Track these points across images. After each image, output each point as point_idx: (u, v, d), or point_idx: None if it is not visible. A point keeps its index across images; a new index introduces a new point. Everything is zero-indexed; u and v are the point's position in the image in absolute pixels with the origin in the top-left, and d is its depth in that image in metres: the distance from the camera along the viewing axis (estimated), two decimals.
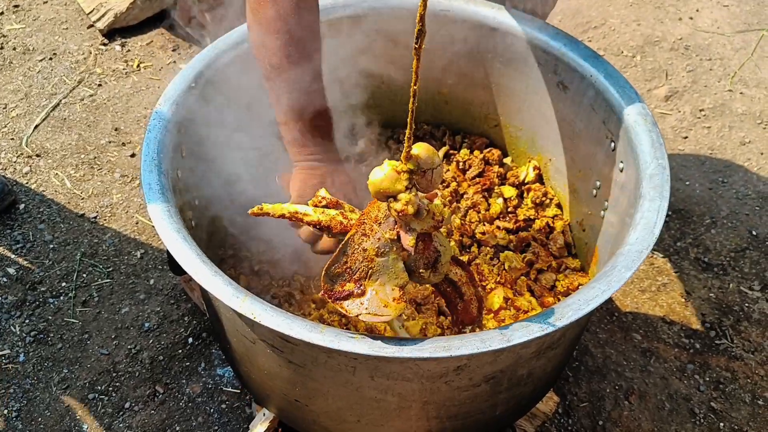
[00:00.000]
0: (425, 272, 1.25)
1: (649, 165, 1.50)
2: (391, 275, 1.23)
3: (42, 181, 2.68)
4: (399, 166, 1.15)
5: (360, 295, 1.22)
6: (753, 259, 2.48)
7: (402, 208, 1.15)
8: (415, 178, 1.16)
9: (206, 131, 1.74)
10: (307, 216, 1.34)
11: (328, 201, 1.39)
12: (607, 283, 1.29)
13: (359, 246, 1.24)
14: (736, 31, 3.33)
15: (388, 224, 1.22)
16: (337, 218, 1.34)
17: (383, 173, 1.16)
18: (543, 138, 1.97)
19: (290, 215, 1.34)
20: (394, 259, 1.23)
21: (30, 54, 3.17)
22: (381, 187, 1.16)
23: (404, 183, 1.15)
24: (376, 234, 1.23)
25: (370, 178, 1.17)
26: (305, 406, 1.54)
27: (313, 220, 1.34)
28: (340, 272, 1.24)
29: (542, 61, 1.81)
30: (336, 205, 1.39)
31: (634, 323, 2.31)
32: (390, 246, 1.22)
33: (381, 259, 1.22)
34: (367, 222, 1.24)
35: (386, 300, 1.21)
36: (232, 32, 1.79)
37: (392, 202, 1.16)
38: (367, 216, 1.25)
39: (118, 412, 2.09)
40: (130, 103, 2.99)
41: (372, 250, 1.23)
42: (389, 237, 1.22)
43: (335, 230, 1.34)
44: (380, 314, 1.20)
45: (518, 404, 1.65)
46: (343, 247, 1.25)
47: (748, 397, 2.15)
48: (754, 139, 2.88)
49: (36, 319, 2.29)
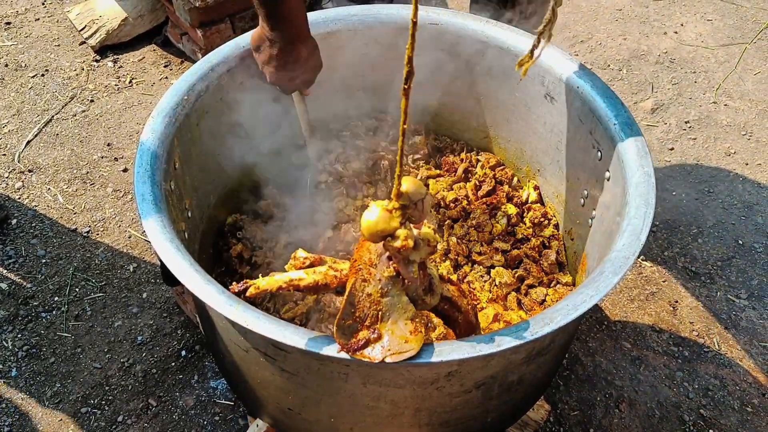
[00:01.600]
0: (426, 297, 1.27)
1: (635, 173, 1.53)
2: (400, 311, 1.23)
3: (34, 196, 2.69)
4: (389, 204, 1.16)
5: (377, 339, 1.21)
6: (739, 268, 2.52)
7: (402, 243, 1.15)
8: (408, 212, 1.17)
9: (200, 144, 1.76)
10: (302, 280, 1.33)
11: (312, 260, 1.39)
12: (594, 289, 1.31)
13: (363, 292, 1.23)
14: (720, 45, 3.39)
15: (384, 263, 1.23)
16: (330, 273, 1.33)
17: (376, 215, 1.16)
18: (531, 149, 2.00)
19: (286, 285, 1.33)
20: (398, 295, 1.23)
21: (22, 70, 3.19)
22: (377, 228, 1.16)
23: (398, 219, 1.16)
24: (375, 276, 1.23)
25: (363, 223, 1.17)
26: (298, 414, 1.55)
27: (309, 282, 1.33)
28: (351, 323, 1.24)
29: (530, 73, 1.84)
30: (319, 261, 1.39)
31: (624, 332, 2.34)
32: (392, 283, 1.23)
33: (387, 299, 1.23)
34: (363, 267, 1.24)
35: (404, 335, 1.21)
36: (223, 46, 1.81)
37: (390, 240, 1.16)
38: (360, 262, 1.25)
39: (111, 425, 2.09)
40: (123, 118, 3.00)
41: (376, 292, 1.23)
42: (389, 275, 1.22)
43: (332, 285, 1.33)
44: (404, 350, 1.20)
45: (509, 411, 1.66)
46: (348, 298, 1.24)
47: (737, 404, 2.17)
48: (739, 150, 2.92)
49: (28, 334, 2.29)
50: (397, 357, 1.20)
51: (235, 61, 1.80)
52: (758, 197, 2.74)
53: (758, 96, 3.14)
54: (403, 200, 1.16)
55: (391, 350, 1.20)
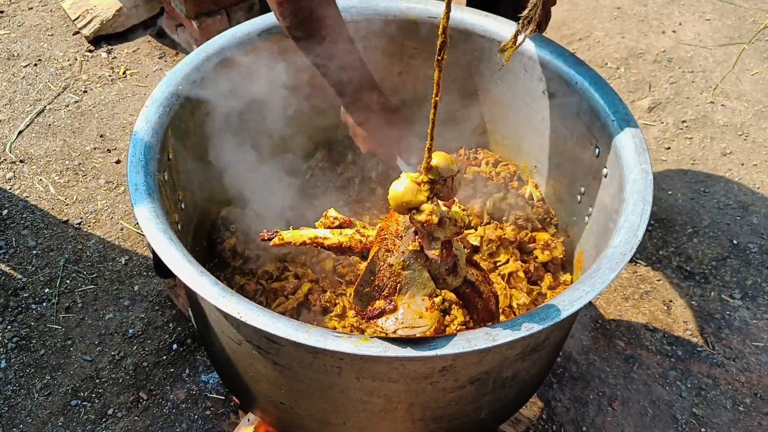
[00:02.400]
0: (449, 278, 1.26)
1: (633, 170, 1.52)
2: (419, 286, 1.23)
3: (26, 186, 2.67)
4: (418, 177, 1.16)
5: (393, 310, 1.21)
6: (734, 268, 2.51)
7: (426, 218, 1.14)
8: (436, 187, 1.17)
9: (194, 134, 1.74)
10: (327, 239, 1.34)
11: (342, 221, 1.39)
12: (591, 285, 1.30)
13: (384, 262, 1.23)
14: (718, 45, 3.39)
15: (410, 236, 1.22)
16: (356, 237, 1.34)
17: (403, 186, 1.15)
18: (529, 144, 1.99)
19: (311, 241, 1.34)
20: (419, 270, 1.23)
21: (15, 60, 3.16)
22: (403, 200, 1.15)
23: (425, 194, 1.15)
24: (399, 248, 1.22)
25: (390, 192, 1.17)
26: (291, 408, 1.54)
27: (333, 242, 1.34)
28: (369, 291, 1.23)
29: (528, 68, 1.83)
30: (349, 224, 1.40)
31: (618, 330, 2.33)
32: (414, 257, 1.22)
33: (407, 272, 1.22)
34: (389, 237, 1.24)
35: (420, 311, 1.21)
36: (219, 36, 1.79)
37: (415, 213, 1.15)
38: (386, 231, 1.25)
39: (101, 418, 2.08)
40: (116, 109, 2.98)
41: (398, 264, 1.22)
42: (412, 249, 1.21)
43: (356, 249, 1.34)
44: (417, 326, 1.20)
45: (503, 407, 1.65)
46: (369, 266, 1.24)
47: (729, 404, 2.17)
48: (735, 150, 2.92)
49: (18, 326, 2.27)
50: (410, 331, 1.19)
51: (230, 51, 1.78)
52: (753, 198, 2.74)
53: (755, 97, 3.13)
54: (432, 174, 1.15)
55: (404, 323, 1.20)
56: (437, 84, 1.05)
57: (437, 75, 1.04)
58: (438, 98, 1.07)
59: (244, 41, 1.80)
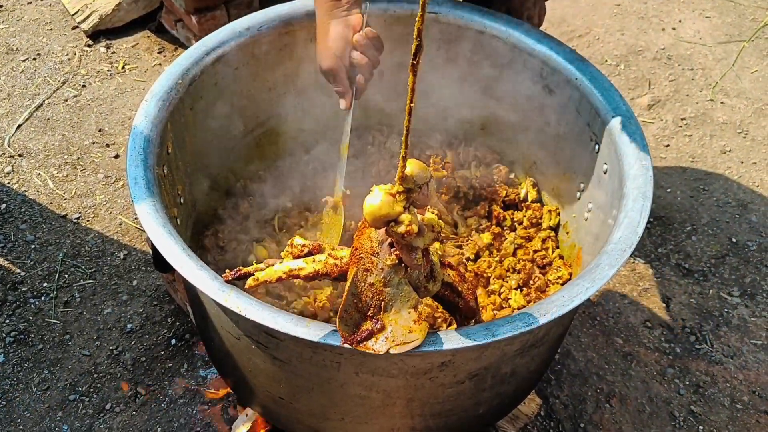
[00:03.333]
0: (429, 284, 1.25)
1: (633, 166, 1.52)
2: (403, 300, 1.20)
3: (24, 181, 2.66)
4: (392, 189, 1.13)
5: (381, 329, 1.19)
6: (732, 266, 2.51)
7: (406, 229, 1.12)
8: (413, 196, 1.15)
9: (193, 128, 1.74)
10: (302, 270, 1.30)
11: (311, 247, 1.36)
12: (590, 281, 1.30)
13: (365, 282, 1.20)
14: (718, 42, 3.39)
15: (385, 251, 1.20)
16: (330, 261, 1.30)
17: (379, 200, 1.12)
18: (528, 141, 1.99)
19: (286, 275, 1.30)
20: (401, 284, 1.21)
21: (13, 54, 3.15)
22: (380, 213, 1.12)
23: (402, 204, 1.13)
24: (377, 265, 1.20)
25: (365, 208, 1.14)
26: (289, 403, 1.54)
27: (310, 271, 1.30)
28: (354, 314, 1.21)
29: (528, 64, 1.83)
30: (318, 249, 1.35)
31: (616, 328, 2.33)
32: (394, 272, 1.20)
33: (389, 289, 1.20)
34: (364, 256, 1.21)
35: (408, 325, 1.19)
36: (219, 31, 1.79)
37: (393, 226, 1.13)
38: (361, 250, 1.22)
39: (99, 413, 2.08)
40: (115, 104, 2.97)
41: (379, 282, 1.20)
42: (390, 263, 1.19)
43: (333, 274, 1.30)
44: (408, 341, 1.18)
45: (501, 403, 1.65)
46: (350, 289, 1.21)
47: (727, 401, 2.17)
48: (735, 148, 2.92)
49: (16, 320, 2.26)
50: (402, 348, 1.17)
51: (230, 46, 1.78)
52: (753, 196, 2.74)
53: (755, 94, 3.13)
54: (408, 184, 1.13)
55: (395, 341, 1.18)
56: (412, 89, 1.01)
57: (411, 80, 1.00)
58: (413, 104, 1.03)
59: (243, 36, 1.79)
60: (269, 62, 1.87)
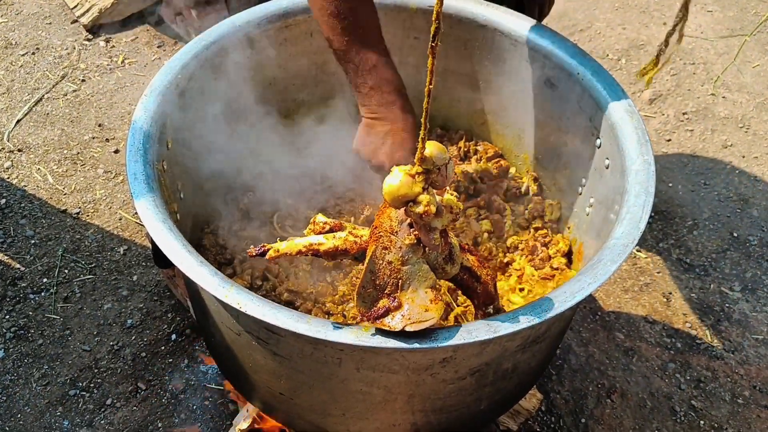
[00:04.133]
0: (447, 266, 1.26)
1: (635, 161, 1.51)
2: (420, 279, 1.22)
3: (24, 176, 2.65)
4: (411, 169, 1.15)
5: (398, 307, 1.21)
6: (734, 261, 2.51)
7: (424, 209, 1.14)
8: (432, 177, 1.16)
9: (193, 123, 1.73)
10: (322, 245, 1.33)
11: (332, 225, 1.38)
12: (593, 276, 1.29)
13: (383, 260, 1.22)
14: (720, 37, 3.37)
15: (405, 230, 1.22)
16: (350, 239, 1.33)
17: (398, 180, 1.14)
18: (529, 135, 1.98)
19: (306, 249, 1.32)
20: (418, 263, 1.22)
21: (12, 48, 3.14)
22: (399, 193, 1.15)
23: (421, 185, 1.15)
24: (396, 244, 1.22)
25: (384, 188, 1.16)
26: (290, 399, 1.53)
27: (329, 247, 1.32)
28: (372, 291, 1.23)
29: (530, 58, 1.82)
30: (339, 227, 1.38)
31: (617, 323, 2.33)
32: (412, 251, 1.22)
33: (407, 267, 1.22)
34: (384, 235, 1.23)
35: (425, 304, 1.20)
36: (219, 25, 1.78)
37: (412, 206, 1.15)
38: (380, 229, 1.24)
39: (99, 408, 2.07)
40: (114, 99, 2.97)
41: (397, 260, 1.22)
42: (409, 243, 1.21)
43: (352, 251, 1.32)
44: (424, 319, 1.19)
45: (502, 399, 1.65)
46: (368, 266, 1.23)
47: (728, 396, 2.17)
48: (736, 143, 2.91)
49: (16, 315, 2.26)
50: (418, 326, 1.19)
51: (230, 40, 1.77)
52: (754, 190, 2.73)
53: (756, 89, 3.12)
54: (427, 165, 1.14)
55: (411, 319, 1.19)
56: (431, 71, 1.04)
57: (431, 62, 1.03)
58: (432, 86, 1.06)
59: (243, 30, 1.78)
60: (269, 57, 1.87)
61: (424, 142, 1.11)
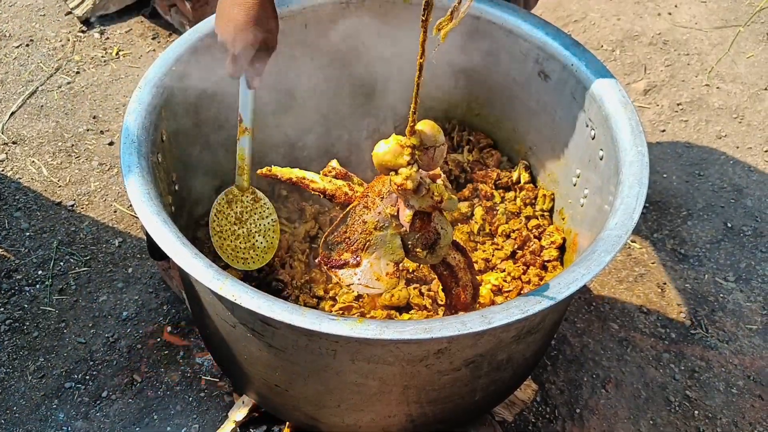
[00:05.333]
0: (421, 252, 1.27)
1: (629, 152, 1.52)
2: (387, 250, 1.24)
3: (18, 168, 2.65)
4: (403, 140, 1.17)
5: (355, 265, 1.24)
6: (728, 251, 2.52)
7: (402, 182, 1.16)
8: (417, 154, 1.17)
9: (187, 115, 1.73)
10: (314, 183, 1.37)
11: (338, 171, 1.41)
12: (586, 267, 1.30)
13: (360, 218, 1.25)
14: (714, 27, 3.37)
15: (390, 200, 1.24)
16: (343, 188, 1.36)
17: (387, 146, 1.17)
18: (524, 127, 1.98)
19: (297, 180, 1.38)
20: (392, 235, 1.24)
21: (6, 40, 3.13)
22: (383, 159, 1.18)
23: (406, 158, 1.16)
24: (377, 208, 1.24)
25: (374, 150, 1.19)
26: (285, 391, 1.54)
27: (319, 187, 1.37)
28: (339, 241, 1.26)
29: (524, 50, 1.82)
30: (344, 176, 1.42)
31: (612, 313, 2.34)
32: (390, 221, 1.24)
33: (379, 233, 1.24)
34: (370, 195, 1.26)
35: (379, 273, 1.23)
36: (212, 17, 1.77)
37: (393, 175, 1.17)
38: (371, 189, 1.27)
39: (95, 400, 2.08)
40: (109, 91, 2.96)
41: (372, 223, 1.24)
42: (390, 212, 1.23)
43: (339, 200, 1.37)
44: (372, 287, 1.23)
45: (497, 390, 1.66)
46: (343, 217, 1.27)
47: (722, 386, 2.18)
48: (730, 133, 2.92)
49: (11, 308, 2.26)
50: (364, 289, 1.24)
51: None
52: (748, 180, 2.74)
53: (750, 79, 3.13)
54: (415, 139, 1.15)
55: (360, 281, 1.24)
56: (422, 46, 1.08)
57: (422, 36, 1.06)
58: (423, 60, 1.08)
59: None
60: None
61: (415, 115, 1.13)
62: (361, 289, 1.23)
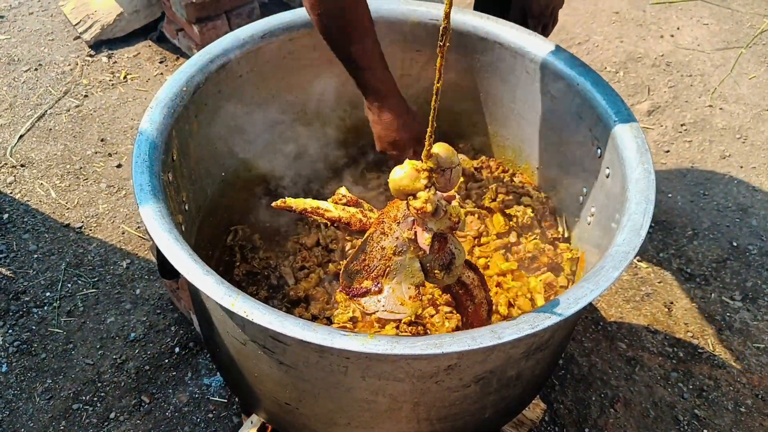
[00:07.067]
0: (440, 273, 1.27)
1: (635, 170, 1.53)
2: (407, 274, 1.25)
3: (27, 191, 2.67)
4: (419, 165, 1.17)
5: (377, 292, 1.24)
6: (734, 270, 2.52)
7: (421, 206, 1.16)
8: (434, 177, 1.18)
9: (196, 136, 1.74)
10: (328, 212, 1.37)
11: (348, 199, 1.42)
12: (595, 283, 1.30)
13: (378, 244, 1.25)
14: (716, 49, 3.40)
15: (407, 224, 1.24)
16: (357, 216, 1.36)
17: (403, 171, 1.18)
18: (530, 146, 2.00)
19: (312, 210, 1.38)
20: (411, 259, 1.24)
21: (15, 64, 3.17)
22: (401, 185, 1.17)
23: (423, 181, 1.17)
24: (394, 233, 1.24)
25: (390, 176, 1.19)
26: (295, 409, 1.54)
27: (333, 216, 1.37)
28: (359, 269, 1.26)
29: (530, 69, 1.84)
30: (356, 203, 1.42)
31: (619, 332, 2.33)
32: (407, 245, 1.24)
33: (398, 258, 1.24)
34: (386, 221, 1.26)
35: (402, 298, 1.23)
36: (223, 38, 1.80)
37: (411, 200, 1.17)
38: (386, 215, 1.27)
39: (103, 422, 2.07)
40: (117, 114, 2.98)
41: (390, 248, 1.24)
42: (407, 237, 1.23)
43: (354, 228, 1.36)
44: (396, 312, 1.22)
45: (506, 407, 1.65)
46: (362, 245, 1.26)
47: (731, 405, 2.17)
48: (734, 153, 2.93)
49: (19, 329, 2.26)
50: (389, 315, 1.23)
51: (234, 54, 1.79)
52: (753, 200, 2.75)
53: (753, 100, 3.15)
54: (431, 162, 1.16)
55: (385, 307, 1.23)
56: (439, 70, 1.07)
57: (440, 62, 1.06)
58: (440, 85, 1.09)
59: (247, 44, 1.80)
60: (273, 70, 1.88)
61: (432, 140, 1.14)
62: (386, 315, 1.22)
